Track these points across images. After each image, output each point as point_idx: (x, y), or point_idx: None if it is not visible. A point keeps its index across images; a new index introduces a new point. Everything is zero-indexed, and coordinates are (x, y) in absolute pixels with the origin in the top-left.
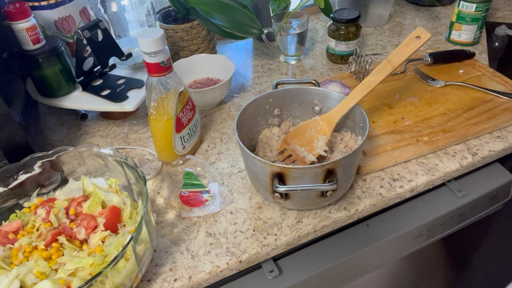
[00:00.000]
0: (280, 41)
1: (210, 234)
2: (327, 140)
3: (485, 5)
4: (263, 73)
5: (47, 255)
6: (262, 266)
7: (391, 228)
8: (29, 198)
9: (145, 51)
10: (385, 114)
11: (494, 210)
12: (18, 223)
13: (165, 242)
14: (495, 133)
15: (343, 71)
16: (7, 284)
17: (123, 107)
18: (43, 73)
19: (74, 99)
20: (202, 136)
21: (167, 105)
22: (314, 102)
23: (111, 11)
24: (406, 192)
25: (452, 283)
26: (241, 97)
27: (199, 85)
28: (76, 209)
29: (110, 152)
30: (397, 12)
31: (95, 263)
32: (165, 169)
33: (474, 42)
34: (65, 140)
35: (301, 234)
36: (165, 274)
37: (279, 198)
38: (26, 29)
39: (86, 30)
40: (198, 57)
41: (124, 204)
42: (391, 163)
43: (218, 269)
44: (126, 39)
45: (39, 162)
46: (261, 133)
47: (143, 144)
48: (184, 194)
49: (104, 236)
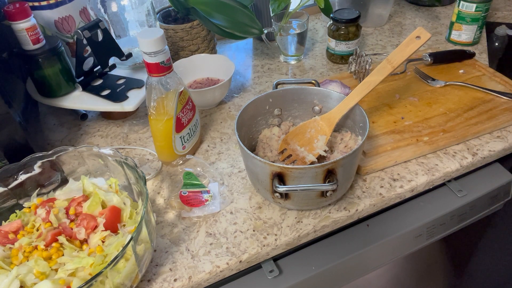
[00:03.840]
0: (280, 41)
1: (210, 234)
2: (327, 140)
3: (485, 5)
4: (263, 73)
5: (47, 255)
6: (262, 266)
7: (391, 228)
8: (29, 198)
9: (145, 51)
10: (385, 114)
11: (494, 210)
12: (18, 223)
13: (165, 242)
14: (495, 133)
15: (343, 71)
16: (7, 284)
17: (123, 107)
18: (43, 73)
19: (74, 99)
20: (202, 136)
21: (167, 105)
22: (314, 102)
23: (111, 11)
24: (406, 192)
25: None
26: (241, 97)
27: (199, 85)
28: (76, 209)
29: (110, 152)
30: (397, 12)
31: (95, 263)
32: (165, 169)
33: (474, 42)
34: (65, 140)
35: (301, 234)
36: (165, 274)
37: (279, 198)
38: (26, 29)
39: (86, 30)
40: (198, 57)
41: (124, 204)
42: (391, 163)
43: (218, 269)
44: (126, 39)
45: (39, 162)
46: (261, 133)
47: (143, 144)
48: (184, 194)
49: (104, 236)
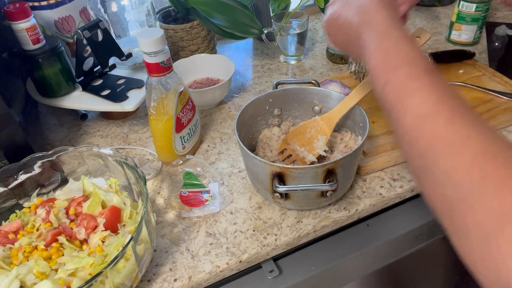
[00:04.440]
0: (280, 41)
1: (210, 234)
2: (327, 140)
3: (485, 5)
4: (263, 73)
5: (47, 255)
6: (262, 266)
7: (391, 228)
8: (29, 198)
9: (145, 51)
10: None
11: None
12: (18, 223)
13: (165, 242)
14: None
15: (343, 71)
16: (7, 284)
17: (123, 107)
18: (43, 73)
19: (74, 99)
20: (202, 136)
21: (167, 105)
22: (314, 102)
23: (111, 11)
24: (406, 192)
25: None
26: (241, 97)
27: (199, 85)
28: (76, 209)
29: (110, 152)
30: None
31: (95, 263)
32: (165, 169)
33: (474, 42)
34: (65, 140)
35: (301, 234)
36: (165, 274)
37: (279, 198)
38: (26, 29)
39: (86, 30)
40: (198, 57)
41: (124, 204)
42: (391, 163)
43: (218, 269)
44: (126, 39)
45: (39, 162)
46: (261, 133)
47: (143, 144)
48: (184, 194)
49: (104, 236)
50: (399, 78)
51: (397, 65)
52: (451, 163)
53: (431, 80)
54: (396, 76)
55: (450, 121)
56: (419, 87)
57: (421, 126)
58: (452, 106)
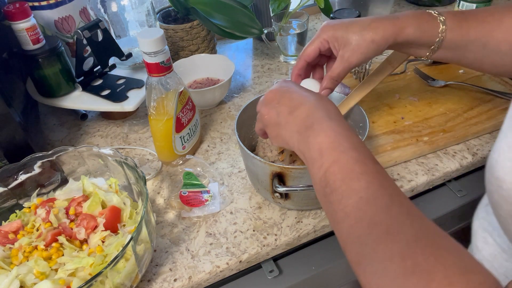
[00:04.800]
0: (280, 41)
1: (210, 234)
2: None
3: (485, 5)
4: (263, 73)
5: (47, 255)
6: (262, 266)
7: None
8: (29, 198)
9: (145, 51)
10: (385, 114)
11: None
12: (18, 223)
13: (165, 242)
14: (495, 133)
15: None
16: (7, 284)
17: (123, 107)
18: (43, 73)
19: (74, 99)
20: (202, 136)
21: (167, 105)
22: None
23: (111, 11)
24: (406, 192)
25: None
26: (241, 97)
27: (199, 85)
28: (76, 209)
29: (110, 152)
30: (397, 12)
31: (95, 263)
32: (165, 169)
33: None
34: (65, 140)
35: (301, 234)
36: (165, 274)
37: (279, 198)
38: (26, 29)
39: (86, 30)
40: (198, 57)
41: (124, 204)
42: (391, 163)
43: (218, 269)
44: (126, 39)
45: (39, 162)
46: None
47: (143, 144)
48: (184, 194)
49: (104, 236)
50: (348, 160)
51: (346, 148)
52: (389, 251)
53: (375, 167)
54: (345, 158)
55: (388, 207)
56: (365, 172)
57: (363, 209)
58: (391, 194)
